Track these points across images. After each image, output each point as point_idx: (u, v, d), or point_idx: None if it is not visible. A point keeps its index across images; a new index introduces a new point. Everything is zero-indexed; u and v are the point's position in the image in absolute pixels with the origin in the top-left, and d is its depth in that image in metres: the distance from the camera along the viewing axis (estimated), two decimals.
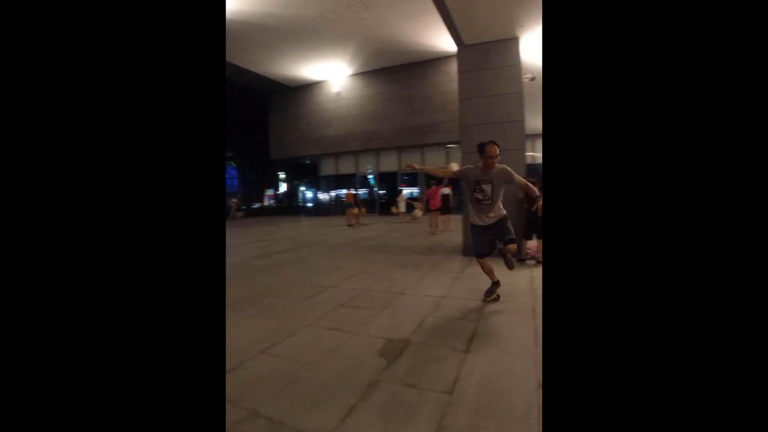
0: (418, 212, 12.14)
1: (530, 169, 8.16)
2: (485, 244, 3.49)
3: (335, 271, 5.14)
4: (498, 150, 3.25)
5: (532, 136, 14.78)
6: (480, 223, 3.43)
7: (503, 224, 3.38)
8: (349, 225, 11.52)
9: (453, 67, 6.80)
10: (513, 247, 3.32)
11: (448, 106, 14.54)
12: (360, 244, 7.80)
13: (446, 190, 9.70)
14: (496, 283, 3.59)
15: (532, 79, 6.86)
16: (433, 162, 15.02)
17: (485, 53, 5.93)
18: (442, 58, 14.72)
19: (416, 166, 3.74)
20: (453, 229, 8.81)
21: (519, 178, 3.32)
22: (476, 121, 5.96)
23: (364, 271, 5.03)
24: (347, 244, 7.96)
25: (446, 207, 9.60)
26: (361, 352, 2.47)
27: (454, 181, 8.95)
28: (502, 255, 3.48)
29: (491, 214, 3.35)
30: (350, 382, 2.05)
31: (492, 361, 2.29)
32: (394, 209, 13.26)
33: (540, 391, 1.93)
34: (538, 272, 4.74)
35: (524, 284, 4.19)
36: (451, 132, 13.90)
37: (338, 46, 13.61)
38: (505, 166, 3.31)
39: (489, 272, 3.58)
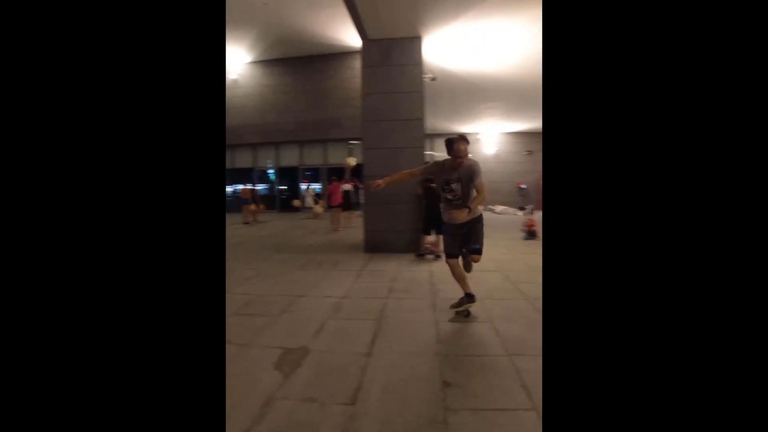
0: (318, 208, 11.86)
1: None
2: (456, 244, 3.09)
3: (227, 274, 4.66)
4: (467, 147, 2.91)
5: (431, 136, 15.45)
6: (449, 220, 3.07)
7: (475, 228, 3.04)
8: (246, 223, 10.76)
9: (357, 62, 6.74)
10: (477, 258, 3.07)
11: (352, 102, 14.43)
12: (257, 244, 7.28)
13: (348, 186, 9.61)
14: (468, 296, 3.07)
15: (433, 79, 7.10)
16: (335, 157, 14.84)
17: (389, 49, 5.93)
18: (347, 53, 14.55)
19: (382, 183, 3.08)
20: (355, 226, 8.75)
21: (481, 180, 2.95)
22: (378, 117, 5.95)
23: (259, 274, 4.65)
24: (242, 243, 7.36)
25: (348, 203, 9.51)
26: (255, 367, 2.19)
27: (357, 176, 8.90)
28: (463, 257, 3.19)
29: (466, 214, 2.96)
30: (242, 403, 1.79)
31: (395, 364, 2.21)
32: (296, 202, 12.74)
33: (447, 390, 1.91)
34: (437, 267, 4.87)
35: (424, 279, 4.26)
36: (354, 128, 13.83)
37: (237, 30, 12.59)
38: (475, 160, 2.98)
39: (460, 280, 3.11)
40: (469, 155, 2.96)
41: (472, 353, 2.36)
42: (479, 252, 3.04)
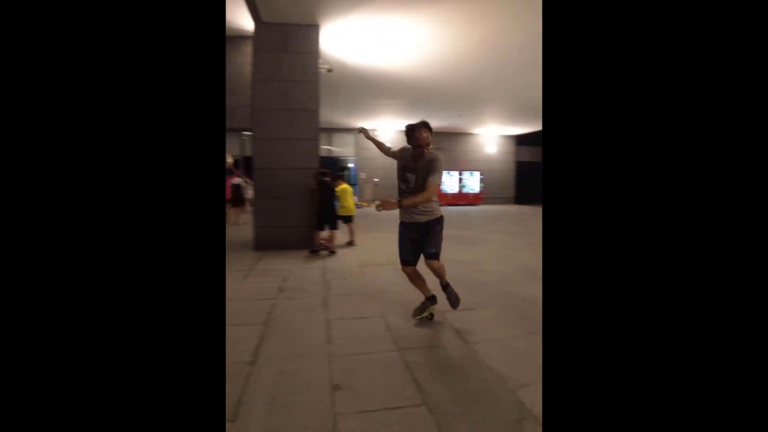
0: None
1: (326, 163, 8.37)
2: (409, 249, 2.74)
3: None
4: (430, 137, 2.56)
5: (329, 130, 15.22)
6: (404, 219, 2.73)
7: (433, 230, 2.65)
8: None
9: (250, 48, 6.21)
10: (433, 263, 2.63)
11: (245, 91, 13.52)
12: None
13: (238, 180, 8.95)
14: (430, 299, 2.82)
15: (330, 70, 6.92)
16: (227, 150, 13.72)
17: (284, 35, 5.59)
18: (239, 37, 13.53)
19: (369, 134, 3.31)
20: (245, 222, 8.18)
21: (437, 177, 2.52)
22: (269, 106, 5.59)
23: None
24: None
25: (238, 198, 8.86)
26: None
27: (249, 171, 8.31)
28: (431, 270, 2.70)
29: (419, 211, 2.63)
30: None
31: (281, 370, 2.03)
32: None
33: (336, 394, 1.80)
34: (330, 263, 4.76)
35: (317, 276, 4.11)
36: (248, 118, 12.99)
37: None
38: (438, 155, 2.60)
39: (419, 285, 2.84)
40: (431, 147, 2.59)
41: (362, 351, 2.29)
42: (435, 257, 2.63)
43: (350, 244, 6.00)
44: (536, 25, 5.42)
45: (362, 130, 3.29)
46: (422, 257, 2.70)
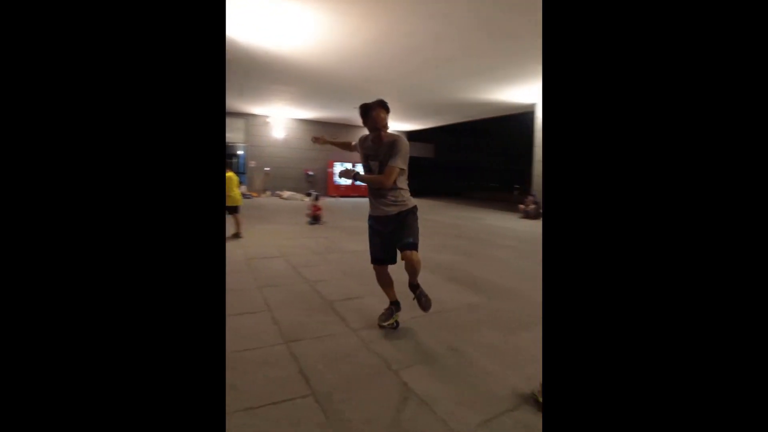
0: None
1: None
2: (380, 246, 2.47)
3: None
4: (387, 116, 2.27)
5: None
6: (373, 212, 2.45)
7: (405, 221, 2.35)
8: None
9: None
10: (412, 255, 2.27)
11: None
12: None
13: None
14: (395, 304, 2.56)
15: None
16: None
17: None
18: None
19: (325, 138, 2.94)
20: None
21: (398, 160, 2.25)
22: None
23: None
24: None
25: None
26: None
27: None
28: (409, 276, 2.37)
29: (388, 202, 2.34)
30: None
31: None
32: None
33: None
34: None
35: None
36: None
37: None
38: (400, 136, 2.32)
39: (386, 287, 2.57)
40: (389, 129, 2.31)
41: (248, 347, 2.19)
42: (414, 246, 2.30)
43: (236, 236, 5.66)
44: (429, 28, 5.73)
45: (316, 140, 2.94)
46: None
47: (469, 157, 25.11)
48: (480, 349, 2.28)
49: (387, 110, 2.27)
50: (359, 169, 2.51)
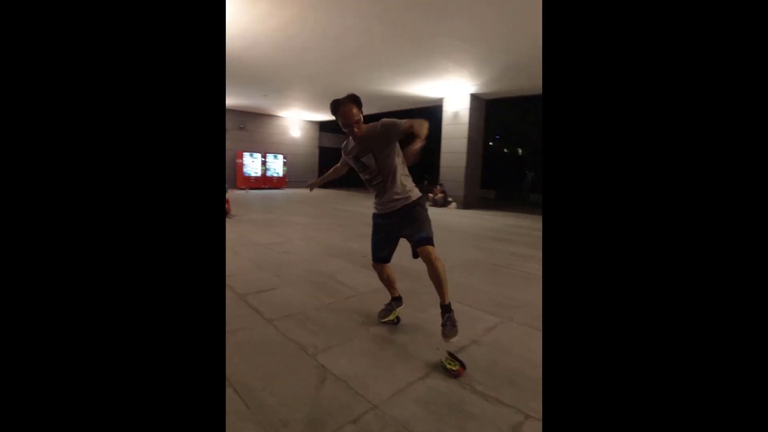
0: None
1: None
2: (383, 243, 2.29)
3: None
4: (359, 110, 2.07)
5: None
6: (378, 210, 2.25)
7: (412, 213, 2.13)
8: None
9: None
10: (431, 252, 2.02)
11: None
12: None
13: None
14: (396, 300, 2.46)
15: None
16: None
17: None
18: None
19: (317, 182, 2.67)
20: None
21: (403, 122, 2.02)
22: None
23: None
24: None
25: None
26: None
27: None
28: (431, 273, 2.05)
29: (394, 197, 2.15)
30: None
31: None
32: None
33: None
34: None
35: None
36: None
37: None
38: (384, 120, 2.10)
39: (388, 284, 2.44)
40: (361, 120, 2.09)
41: None
42: (429, 241, 2.05)
43: None
44: (337, 19, 5.73)
45: (312, 186, 2.73)
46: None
47: None
48: (392, 328, 2.43)
49: (358, 104, 2.08)
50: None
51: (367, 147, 2.14)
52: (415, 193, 2.18)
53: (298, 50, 7.32)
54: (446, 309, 2.07)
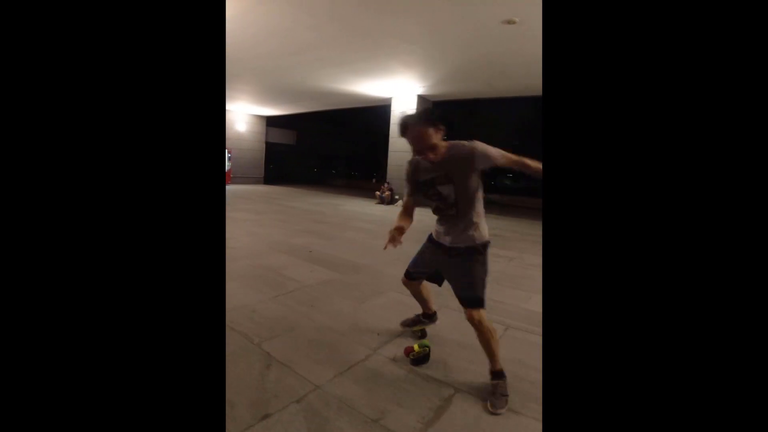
0: None
1: None
2: (422, 264, 2.01)
3: None
4: (434, 133, 1.62)
5: None
6: (436, 236, 1.90)
7: (468, 262, 1.76)
8: None
9: None
10: (481, 318, 1.71)
11: None
12: None
13: None
14: (429, 316, 2.28)
15: None
16: None
17: None
18: None
19: (399, 238, 1.74)
20: None
21: (503, 154, 1.68)
22: None
23: None
24: None
25: None
26: None
27: None
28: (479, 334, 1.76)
29: (460, 236, 1.77)
30: None
31: None
32: None
33: None
34: None
35: None
36: None
37: None
38: (477, 146, 1.66)
39: (420, 300, 2.22)
40: (443, 141, 1.67)
41: None
42: (479, 303, 1.72)
43: None
44: (287, 13, 5.71)
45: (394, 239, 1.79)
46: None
47: (330, 146, 25.53)
48: (334, 316, 2.55)
49: (434, 124, 1.62)
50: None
51: (448, 174, 1.71)
52: (481, 235, 1.78)
53: (248, 43, 7.17)
54: (497, 375, 1.77)
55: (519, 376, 1.90)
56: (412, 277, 2.07)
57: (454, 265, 1.82)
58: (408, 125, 1.64)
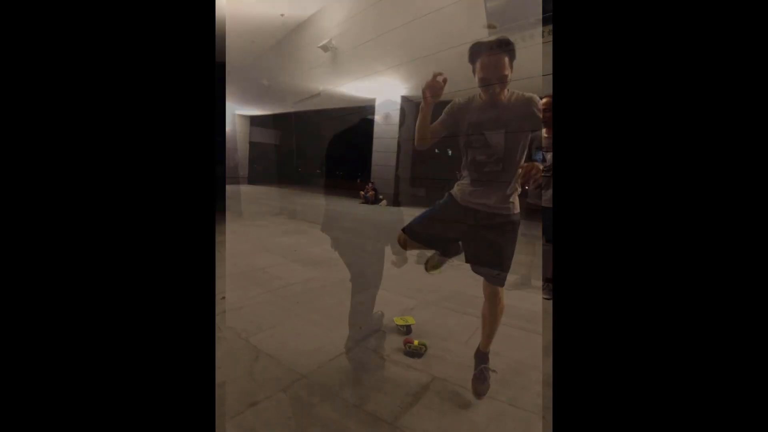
0: None
1: None
2: (431, 227, 1.73)
3: None
4: (508, 62, 1.43)
5: None
6: (461, 196, 1.62)
7: (507, 235, 1.56)
8: None
9: None
10: (500, 297, 1.58)
11: None
12: None
13: None
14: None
15: None
16: None
17: None
18: None
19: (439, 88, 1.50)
20: None
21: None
22: None
23: None
24: None
25: None
26: None
27: None
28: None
29: (503, 199, 1.54)
30: None
31: None
32: None
33: None
34: None
35: None
36: None
37: None
38: (531, 95, 1.47)
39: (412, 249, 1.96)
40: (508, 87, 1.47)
41: None
42: (500, 282, 1.56)
43: None
44: (267, 14, 5.75)
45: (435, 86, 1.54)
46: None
47: (315, 145, 25.43)
48: (319, 312, 2.64)
49: (511, 56, 1.42)
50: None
51: (501, 119, 1.48)
52: (517, 206, 1.57)
53: (230, 39, 7.17)
54: (483, 358, 1.70)
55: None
56: (416, 239, 1.76)
57: (484, 241, 1.57)
58: (480, 51, 1.45)
